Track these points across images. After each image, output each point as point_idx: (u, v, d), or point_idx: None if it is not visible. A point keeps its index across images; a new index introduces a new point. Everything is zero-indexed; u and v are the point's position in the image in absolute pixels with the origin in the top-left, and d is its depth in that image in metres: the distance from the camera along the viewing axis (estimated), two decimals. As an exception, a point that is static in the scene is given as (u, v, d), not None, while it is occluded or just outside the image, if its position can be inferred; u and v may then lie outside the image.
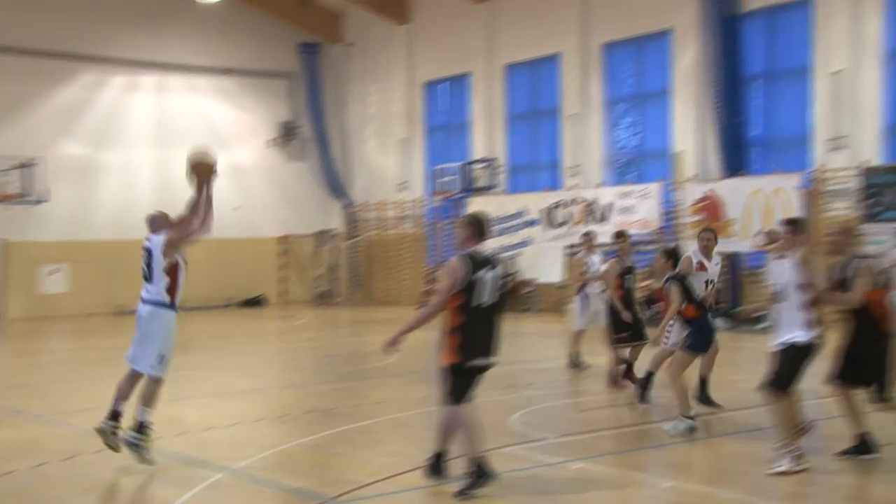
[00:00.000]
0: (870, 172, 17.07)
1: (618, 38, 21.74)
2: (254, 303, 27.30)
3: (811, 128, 18.31)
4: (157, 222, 7.75)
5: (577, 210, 21.93)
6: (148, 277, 7.64)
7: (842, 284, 7.16)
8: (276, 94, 28.67)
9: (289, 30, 28.17)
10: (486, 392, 7.33)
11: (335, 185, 28.71)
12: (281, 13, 27.72)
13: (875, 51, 17.34)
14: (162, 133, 26.46)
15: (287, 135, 28.46)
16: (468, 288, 6.51)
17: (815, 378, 7.77)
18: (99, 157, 25.69)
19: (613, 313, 11.17)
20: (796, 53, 18.60)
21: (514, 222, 23.44)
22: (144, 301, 7.67)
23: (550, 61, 23.27)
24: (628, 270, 11.35)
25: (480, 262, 6.58)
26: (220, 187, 8.67)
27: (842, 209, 17.27)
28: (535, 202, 22.96)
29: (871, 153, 17.35)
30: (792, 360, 7.07)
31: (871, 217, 16.84)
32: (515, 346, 16.67)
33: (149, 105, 26.56)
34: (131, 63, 26.12)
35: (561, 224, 22.34)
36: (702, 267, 9.66)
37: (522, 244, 23.30)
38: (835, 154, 17.72)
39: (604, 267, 12.09)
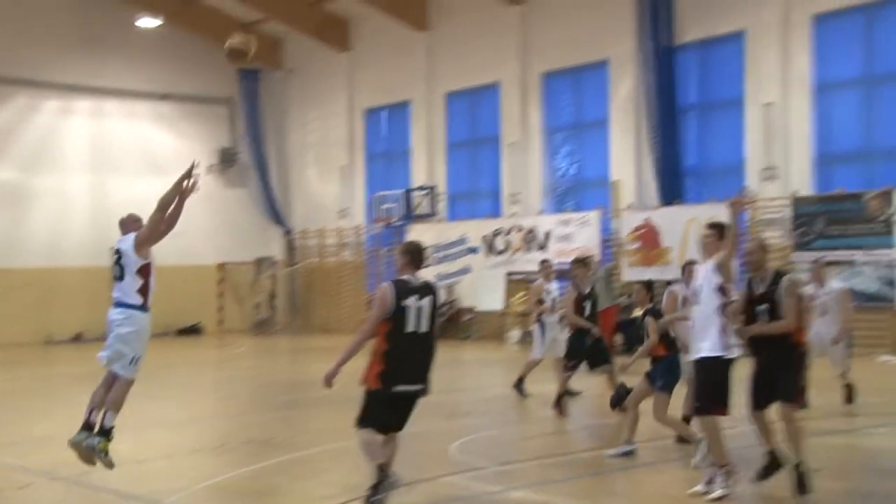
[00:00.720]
0: (800, 202, 17.50)
1: (556, 67, 22.04)
2: (190, 331, 26.86)
3: (744, 158, 18.72)
4: (128, 224, 7.71)
5: (517, 238, 22.08)
6: (119, 277, 7.52)
7: (762, 299, 7.09)
8: (216, 119, 28.43)
9: (228, 55, 27.93)
10: (425, 420, 7.29)
11: (275, 212, 28.50)
12: (221, 39, 27.16)
13: (804, 84, 17.84)
14: (97, 159, 26.03)
15: (226, 161, 28.20)
16: (396, 315, 6.57)
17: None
18: (31, 182, 25.15)
19: (572, 340, 11.14)
20: (729, 85, 19.04)
21: (455, 250, 23.50)
22: (116, 304, 7.53)
23: (490, 90, 23.48)
24: (587, 297, 11.28)
25: (410, 290, 6.63)
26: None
27: (774, 237, 17.64)
28: (475, 230, 23.05)
29: (802, 183, 17.80)
30: (714, 375, 6.97)
31: (802, 246, 17.25)
32: (456, 373, 16.64)
33: (84, 130, 26.12)
34: (65, 87, 25.68)
35: (501, 252, 22.46)
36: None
37: (463, 272, 23.35)
38: (767, 184, 18.13)
39: (560, 294, 12.13)
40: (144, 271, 7.50)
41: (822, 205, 17.20)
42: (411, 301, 6.58)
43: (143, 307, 7.49)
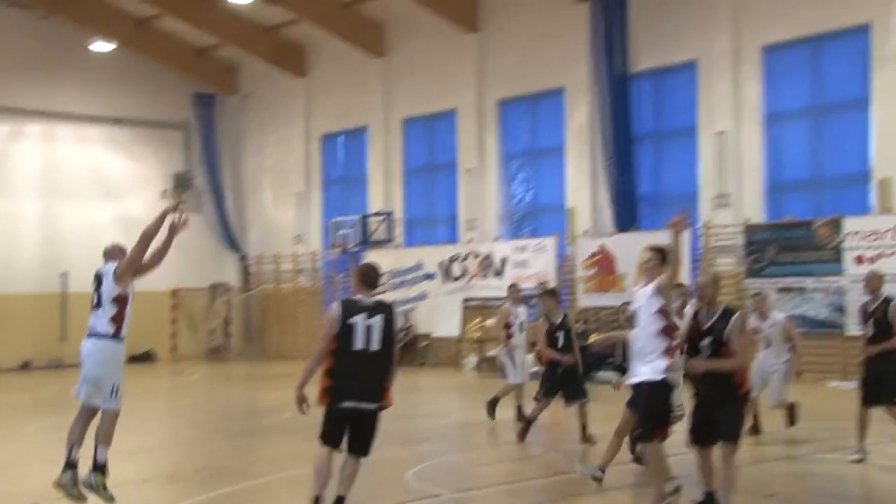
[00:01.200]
0: (752, 229, 17.77)
1: (513, 94, 22.22)
2: (142, 358, 26.42)
3: (697, 185, 18.98)
4: (112, 253, 7.67)
5: (474, 264, 22.12)
6: (96, 305, 7.48)
7: (708, 332, 6.96)
8: (171, 144, 28.20)
9: (184, 80, 27.83)
10: (381, 447, 7.23)
11: (230, 238, 28.27)
12: (176, 63, 27.38)
13: (755, 113, 18.17)
14: (49, 183, 25.68)
15: (181, 186, 27.92)
16: (342, 333, 6.72)
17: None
18: (-21, 206, 24.72)
19: (546, 372, 10.97)
20: (682, 114, 19.33)
21: (411, 276, 23.48)
22: (90, 334, 7.49)
23: (447, 116, 23.59)
24: (560, 327, 11.00)
25: (359, 308, 6.75)
26: (111, 239, 8.49)
27: (727, 264, 17.87)
28: (431, 256, 23.05)
29: (754, 211, 18.07)
30: (654, 400, 6.89)
31: (754, 272, 17.49)
32: (412, 400, 16.55)
33: (35, 155, 25.78)
34: (17, 111, 25.34)
35: (457, 278, 22.48)
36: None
37: (419, 298, 23.32)
38: (720, 211, 18.39)
39: (529, 318, 12.06)
40: (121, 301, 7.48)
41: (773, 232, 17.47)
42: (358, 319, 6.70)
43: (115, 336, 7.46)
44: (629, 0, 19.57)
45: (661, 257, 7.03)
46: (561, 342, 10.91)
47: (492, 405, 12.53)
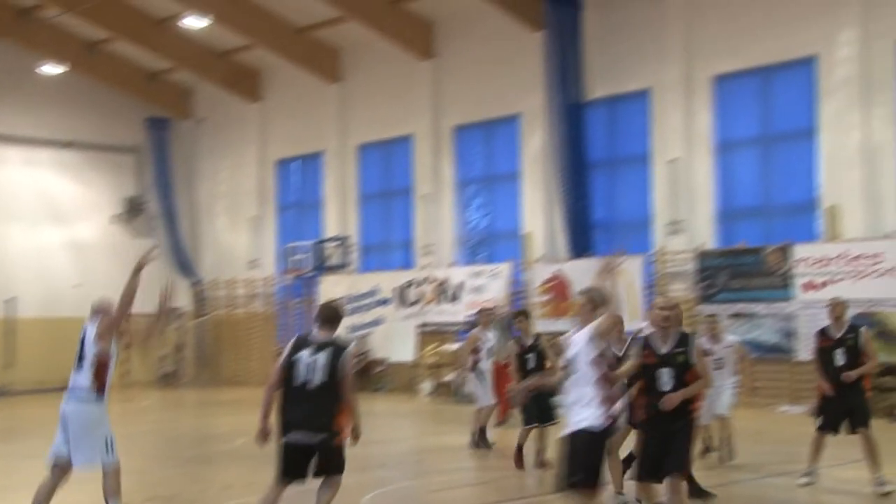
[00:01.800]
0: (704, 256, 18.00)
1: (468, 121, 22.35)
2: (92, 385, 25.95)
3: (651, 212, 19.20)
4: (98, 309, 7.69)
5: (429, 289, 22.10)
6: (78, 363, 7.45)
7: (667, 360, 6.84)
8: (122, 168, 27.88)
9: (136, 104, 27.58)
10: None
11: (183, 263, 27.95)
12: (128, 87, 27.13)
13: (706, 142, 18.47)
14: (-4, 207, 25.22)
15: (133, 211, 27.61)
16: (287, 367, 6.89)
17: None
18: (-76, 230, 24.19)
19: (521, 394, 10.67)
20: (636, 141, 19.58)
21: (366, 301, 23.38)
22: (71, 394, 7.40)
23: (403, 142, 23.65)
24: (531, 349, 10.89)
25: (306, 344, 6.94)
26: (60, 264, 8.40)
27: (680, 290, 18.07)
28: (387, 281, 23.00)
29: (706, 237, 18.33)
30: (592, 450, 6.54)
31: (706, 298, 17.71)
32: (367, 425, 16.43)
33: (-18, 177, 25.32)
34: (-36, 133, 24.92)
35: (413, 303, 22.43)
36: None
37: (374, 323, 23.23)
38: (673, 238, 18.62)
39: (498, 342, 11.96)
40: (102, 361, 7.44)
41: (724, 258, 17.72)
42: (303, 355, 6.88)
43: (97, 396, 7.40)
44: (583, 29, 19.83)
45: (594, 302, 6.78)
46: (531, 364, 10.77)
47: (481, 436, 12.32)
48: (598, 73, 19.83)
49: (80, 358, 7.43)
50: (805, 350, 16.19)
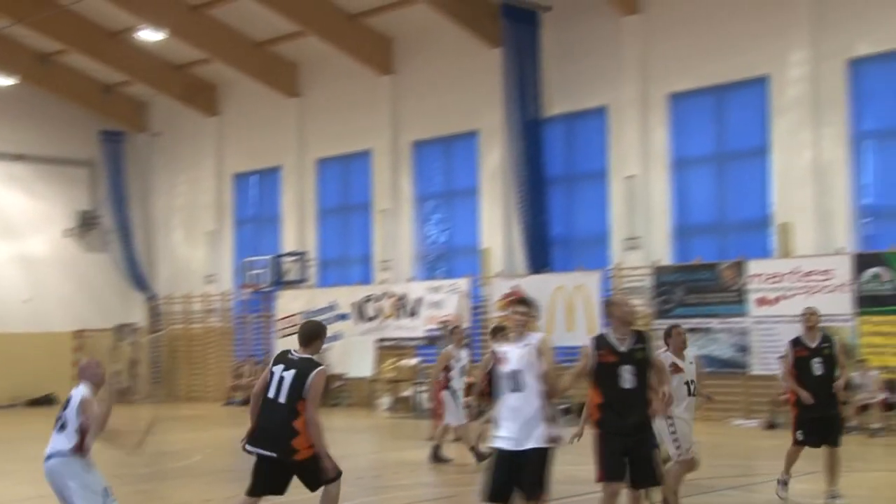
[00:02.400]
0: (661, 271, 18.21)
1: (427, 136, 22.41)
2: (43, 402, 25.45)
3: (608, 228, 19.38)
4: (85, 372, 7.26)
5: (388, 304, 22.07)
6: (61, 427, 7.14)
7: (629, 358, 6.69)
8: (76, 182, 27.52)
9: (90, 117, 27.25)
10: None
11: (138, 277, 27.62)
12: (81, 99, 26.80)
13: (662, 159, 18.71)
14: (-56, 219, 24.76)
15: (86, 225, 27.24)
16: (268, 377, 7.00)
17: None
18: None
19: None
20: (594, 158, 19.78)
21: (325, 316, 23.24)
22: (49, 455, 7.15)
23: (362, 157, 23.63)
24: None
25: (282, 359, 7.04)
26: (9, 278, 8.28)
27: (637, 305, 18.22)
28: (345, 296, 22.93)
29: (662, 253, 18.54)
30: (544, 466, 6.46)
31: (663, 313, 17.90)
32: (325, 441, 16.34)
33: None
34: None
35: (371, 318, 22.38)
36: (677, 369, 8.66)
37: (333, 338, 23.09)
38: (630, 253, 18.80)
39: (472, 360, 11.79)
40: (84, 430, 7.21)
41: (680, 274, 17.93)
42: (277, 369, 6.96)
43: (80, 455, 7.19)
44: (541, 46, 20.02)
45: (528, 311, 6.69)
46: None
47: (436, 453, 12.31)
48: (556, 90, 20.01)
49: (64, 421, 7.16)
50: (759, 364, 16.46)
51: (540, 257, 19.81)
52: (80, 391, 7.23)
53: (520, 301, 6.82)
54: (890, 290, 15.45)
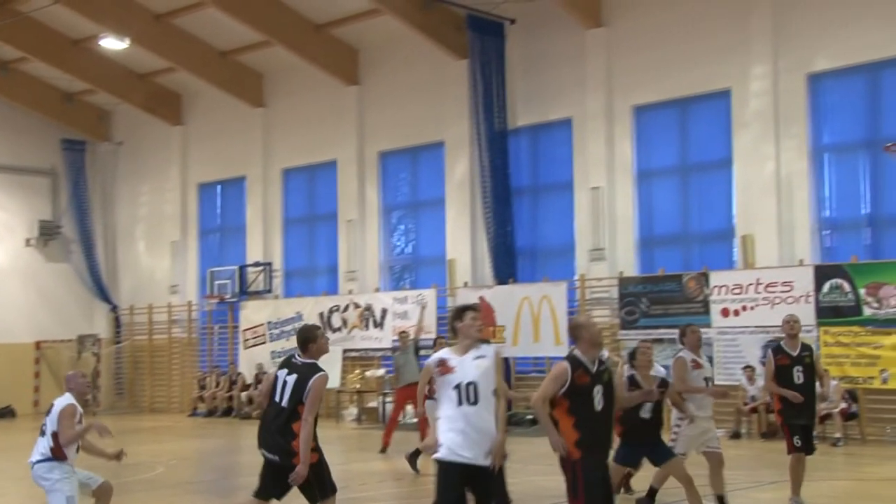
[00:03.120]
0: (625, 282, 18.34)
1: (394, 147, 22.42)
2: (2, 414, 25.08)
3: (574, 239, 19.49)
4: (70, 382, 7.83)
5: (354, 315, 22.01)
6: (42, 432, 7.63)
7: (599, 379, 6.46)
8: (37, 191, 27.17)
9: (52, 125, 26.94)
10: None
11: (100, 288, 27.31)
12: (42, 108, 26.49)
13: (627, 170, 18.87)
14: None
15: (47, 234, 26.90)
16: (273, 383, 7.19)
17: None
18: None
19: None
20: (559, 169, 19.90)
21: (290, 327, 23.15)
22: (33, 459, 7.57)
23: (328, 167, 23.58)
24: None
25: (286, 364, 7.23)
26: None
27: (602, 316, 18.35)
28: (311, 306, 22.83)
29: (627, 264, 18.68)
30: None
31: (627, 324, 18.03)
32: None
33: None
34: None
35: (337, 329, 22.30)
36: (697, 365, 9.05)
37: (298, 349, 22.99)
38: (595, 264, 18.92)
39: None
40: (58, 439, 7.59)
41: (645, 285, 18.07)
42: (281, 373, 7.11)
43: (57, 459, 7.54)
44: (507, 58, 20.13)
45: (480, 324, 6.49)
46: None
47: (414, 458, 12.22)
48: (522, 102, 20.13)
49: (44, 428, 7.63)
50: (723, 374, 16.61)
51: (506, 268, 19.88)
52: (62, 400, 7.63)
53: (472, 308, 6.49)
54: (850, 301, 15.69)
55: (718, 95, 17.88)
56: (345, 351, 22.11)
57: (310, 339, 7.24)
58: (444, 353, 6.39)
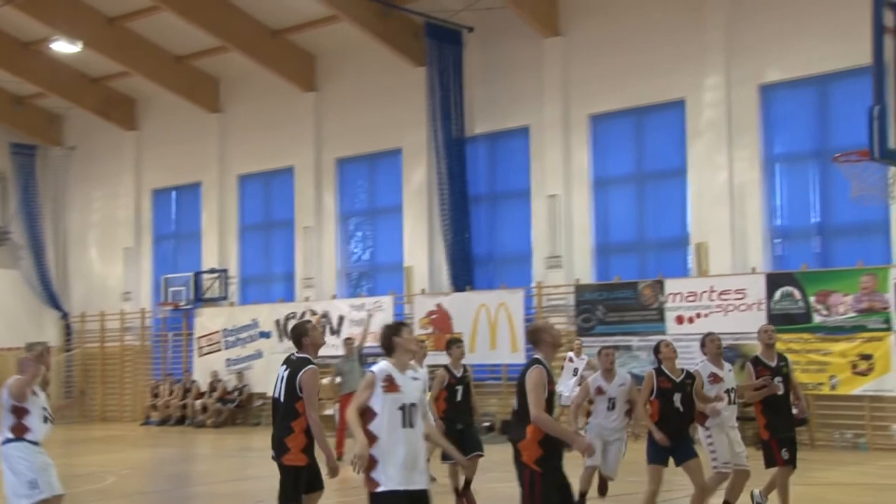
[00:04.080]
0: (582, 289, 18.47)
1: (351, 154, 22.37)
2: (-52, 424, 24.52)
3: (531, 247, 19.59)
4: (20, 364, 7.90)
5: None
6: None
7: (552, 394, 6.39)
8: (-15, 196, 26.69)
9: (1, 130, 26.46)
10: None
11: (50, 295, 26.85)
12: (-9, 111, 26.03)
13: (584, 178, 19.02)
14: None
15: (-3, 240, 26.42)
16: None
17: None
18: None
19: (444, 429, 9.81)
20: (516, 177, 19.99)
21: (246, 334, 22.98)
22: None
23: (285, 174, 23.45)
24: (460, 380, 10.28)
25: (285, 361, 7.36)
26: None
27: (559, 323, 18.45)
28: (267, 314, 22.66)
29: (584, 272, 18.81)
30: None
31: (584, 331, 18.15)
32: (245, 462, 16.12)
33: None
34: None
35: (294, 336, 22.15)
36: (716, 378, 8.98)
37: (254, 356, 22.83)
38: (552, 272, 19.03)
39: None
40: (18, 412, 7.67)
41: (601, 292, 18.21)
42: (280, 370, 7.24)
43: (18, 438, 7.61)
44: (465, 66, 20.20)
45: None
46: (460, 396, 10.24)
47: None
48: (480, 110, 20.21)
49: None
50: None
51: (463, 275, 19.92)
52: (11, 380, 7.72)
53: (406, 324, 6.32)
54: (800, 308, 15.96)
55: (673, 105, 18.10)
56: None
57: (301, 334, 7.33)
58: (389, 368, 5.97)
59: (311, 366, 7.09)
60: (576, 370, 16.05)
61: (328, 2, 19.51)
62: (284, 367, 7.23)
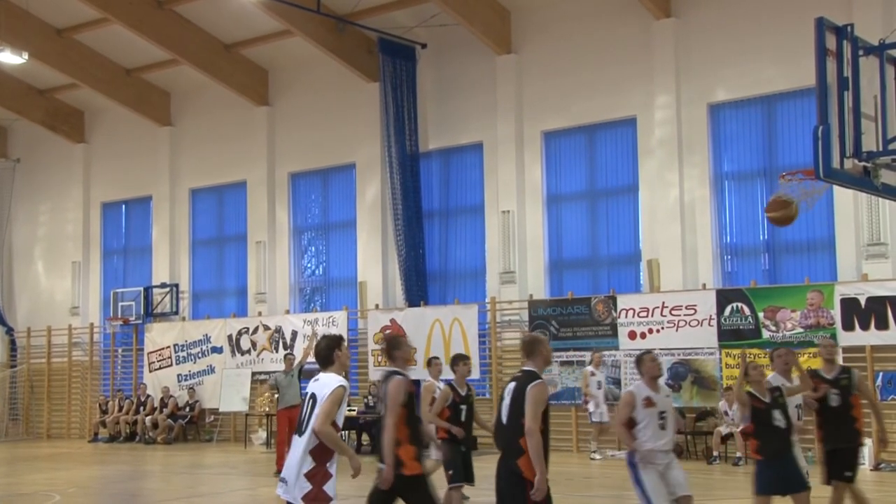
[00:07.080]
0: (535, 305, 18.59)
1: (304, 168, 22.29)
2: None
3: (484, 262, 19.67)
4: None
5: (263, 337, 21.74)
6: None
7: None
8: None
9: (-55, 141, 25.95)
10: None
11: (-5, 309, 26.32)
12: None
13: (537, 195, 19.17)
14: None
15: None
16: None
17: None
18: None
19: (447, 449, 9.57)
20: (470, 193, 20.09)
21: (198, 349, 22.74)
22: None
23: (237, 188, 23.29)
24: (465, 399, 9.91)
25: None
26: None
27: (512, 339, 18.55)
28: (219, 329, 22.46)
29: (537, 287, 18.93)
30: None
31: (537, 345, 18.20)
32: (195, 479, 15.92)
33: None
34: None
35: (246, 351, 21.99)
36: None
37: (206, 372, 22.59)
38: (505, 287, 19.13)
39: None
40: None
41: (554, 308, 18.35)
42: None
43: None
44: (419, 82, 20.27)
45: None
46: (464, 416, 9.84)
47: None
48: (434, 126, 20.29)
49: None
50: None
51: (417, 290, 19.93)
52: None
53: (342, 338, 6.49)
54: (749, 324, 16.23)
55: (625, 123, 18.34)
56: (254, 374, 21.80)
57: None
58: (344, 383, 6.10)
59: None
60: (599, 383, 16.82)
61: (282, 16, 19.47)
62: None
